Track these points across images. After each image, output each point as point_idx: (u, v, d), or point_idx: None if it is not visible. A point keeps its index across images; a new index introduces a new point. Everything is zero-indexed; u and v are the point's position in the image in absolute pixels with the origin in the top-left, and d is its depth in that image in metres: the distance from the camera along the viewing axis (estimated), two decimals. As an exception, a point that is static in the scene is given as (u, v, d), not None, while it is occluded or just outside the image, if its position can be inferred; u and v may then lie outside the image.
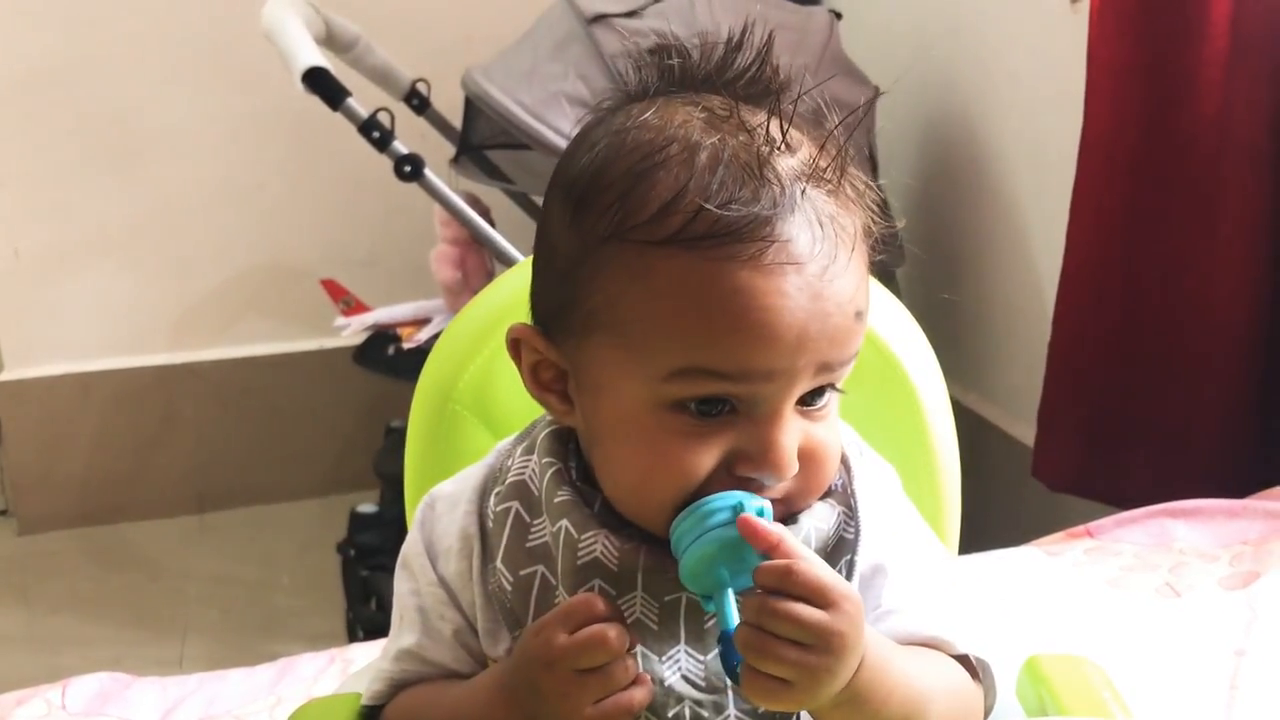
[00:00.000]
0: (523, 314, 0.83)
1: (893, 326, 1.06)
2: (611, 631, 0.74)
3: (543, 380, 0.82)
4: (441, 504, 0.88)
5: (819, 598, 0.71)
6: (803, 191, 0.74)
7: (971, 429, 1.93)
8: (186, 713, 1.33)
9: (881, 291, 1.09)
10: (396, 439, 2.44)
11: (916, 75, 2.37)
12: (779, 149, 0.75)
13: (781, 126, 0.76)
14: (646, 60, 0.81)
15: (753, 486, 0.76)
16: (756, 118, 0.76)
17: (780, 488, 0.78)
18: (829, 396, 0.79)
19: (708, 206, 0.72)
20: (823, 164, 0.76)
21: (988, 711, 0.84)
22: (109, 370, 2.64)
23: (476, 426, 1.02)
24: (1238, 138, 1.75)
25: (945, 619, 0.83)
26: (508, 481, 0.85)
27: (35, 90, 2.50)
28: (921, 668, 0.79)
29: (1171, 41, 1.74)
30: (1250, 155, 1.75)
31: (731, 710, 0.79)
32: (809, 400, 0.78)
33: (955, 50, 2.29)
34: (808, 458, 0.78)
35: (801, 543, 0.75)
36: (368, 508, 2.35)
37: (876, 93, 0.83)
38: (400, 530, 2.50)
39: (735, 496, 0.74)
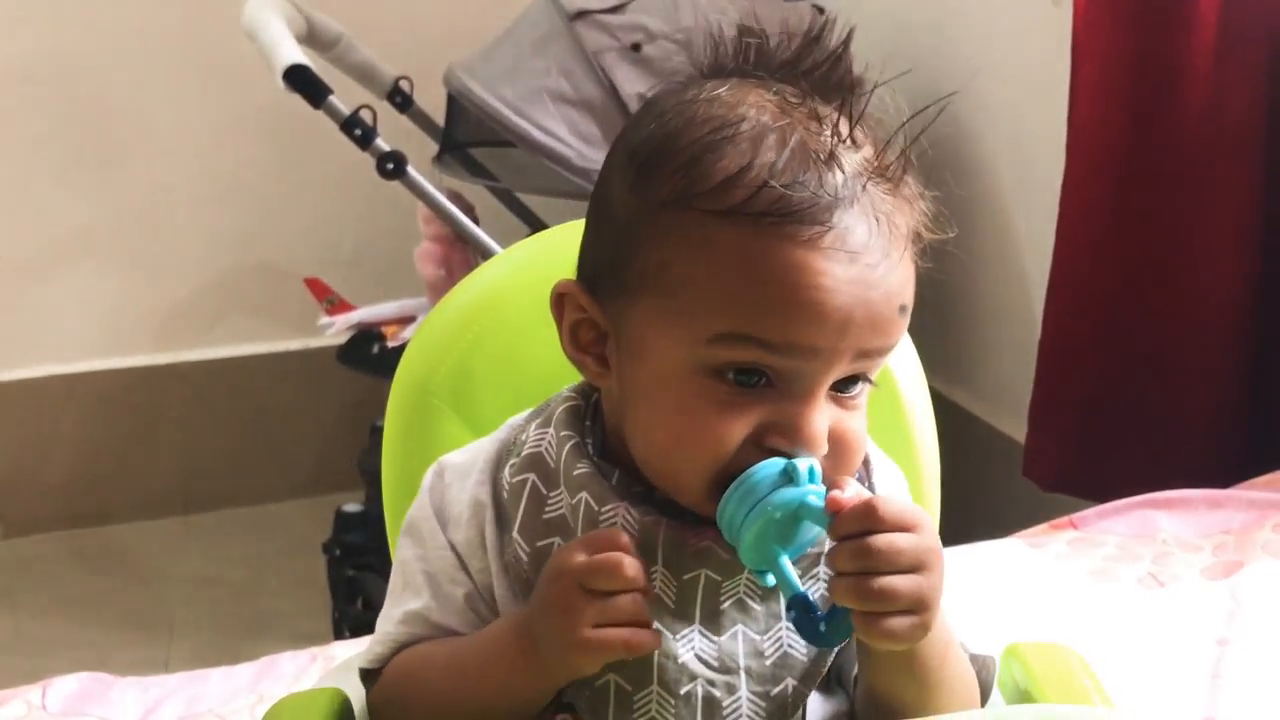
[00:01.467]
0: (503, 306, 0.83)
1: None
2: (627, 561, 0.76)
3: (581, 341, 0.84)
4: (451, 473, 0.89)
5: (906, 523, 0.74)
6: (864, 186, 0.77)
7: (957, 424, 1.93)
8: (168, 712, 1.33)
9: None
10: (381, 438, 2.44)
11: (900, 68, 2.37)
12: (845, 143, 0.78)
13: (850, 122, 0.78)
14: (724, 39, 0.83)
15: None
16: (826, 110, 0.79)
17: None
18: (861, 387, 0.81)
19: (772, 184, 0.75)
20: (886, 162, 0.79)
21: (984, 701, 0.86)
22: (92, 371, 2.63)
23: (453, 420, 1.01)
24: (1227, 129, 1.75)
25: (957, 619, 0.84)
26: (523, 454, 0.86)
27: (15, 89, 2.49)
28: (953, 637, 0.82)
29: (1160, 31, 1.75)
30: (1239, 146, 1.76)
31: (743, 691, 0.80)
32: (843, 387, 0.79)
33: (939, 43, 2.29)
34: (837, 442, 0.79)
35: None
36: (353, 507, 2.35)
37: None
38: (386, 529, 2.48)
39: (778, 463, 0.75)
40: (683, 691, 0.79)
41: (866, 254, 0.76)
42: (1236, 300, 1.81)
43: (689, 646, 0.80)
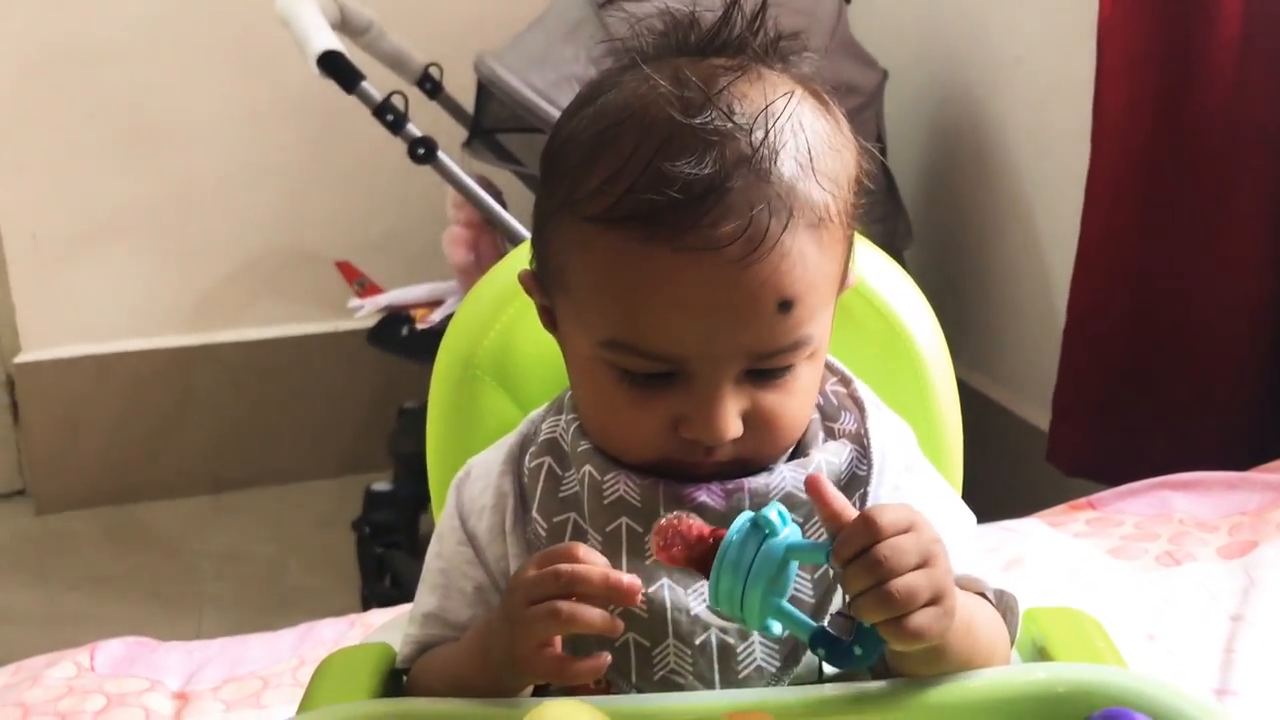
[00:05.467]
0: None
1: (900, 298, 1.09)
2: (566, 568, 0.75)
3: (552, 319, 0.88)
4: (477, 469, 0.92)
5: (902, 525, 0.73)
6: (739, 173, 0.75)
7: (978, 410, 1.95)
8: (211, 674, 1.36)
9: (888, 264, 1.12)
10: (410, 419, 2.48)
11: (925, 58, 2.39)
12: (727, 126, 0.76)
13: (727, 103, 0.76)
14: (643, 30, 0.84)
15: (697, 447, 0.81)
16: (710, 90, 0.76)
17: (729, 450, 0.81)
18: (791, 372, 0.81)
19: (637, 188, 0.75)
20: (773, 145, 0.76)
21: (1011, 642, 0.87)
22: (126, 352, 2.67)
23: (496, 391, 1.04)
24: (1250, 121, 1.76)
25: (969, 557, 0.85)
26: (540, 440, 0.90)
27: (52, 75, 2.53)
28: (974, 601, 0.83)
29: (1184, 23, 1.75)
30: (1263, 138, 1.76)
31: (755, 636, 0.82)
32: (761, 375, 0.80)
33: (964, 33, 2.31)
34: (757, 423, 0.81)
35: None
36: (382, 486, 2.38)
37: (885, 76, 0.86)
38: (414, 508, 2.52)
39: (744, 519, 0.74)
40: (698, 642, 0.81)
41: (733, 246, 0.75)
42: (1259, 289, 1.82)
43: (699, 599, 0.82)
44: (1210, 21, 1.73)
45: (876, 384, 0.95)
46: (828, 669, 0.82)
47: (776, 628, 0.75)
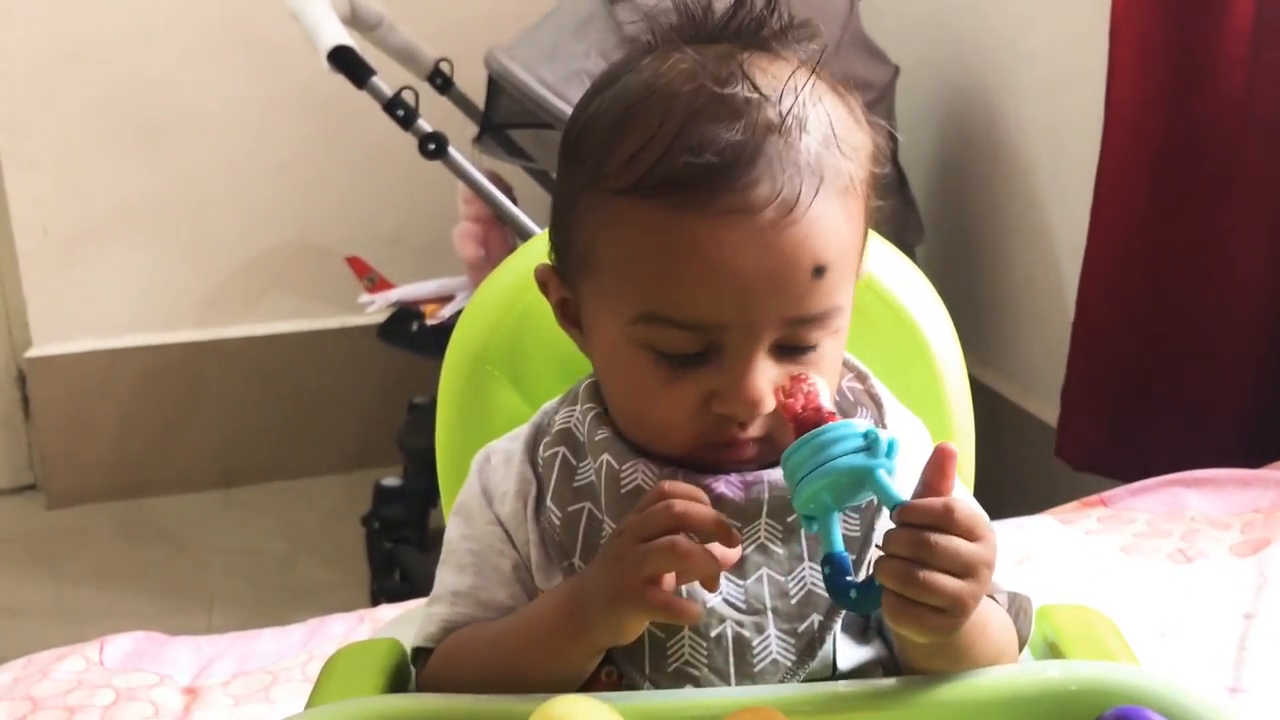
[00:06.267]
0: (550, 277, 0.85)
1: (912, 293, 1.08)
2: (680, 505, 0.75)
3: (569, 315, 0.87)
4: (497, 456, 0.92)
5: (975, 532, 0.73)
6: (769, 140, 0.76)
7: (988, 405, 1.94)
8: (221, 669, 1.36)
9: (900, 259, 1.11)
10: (420, 414, 2.48)
11: (936, 54, 2.38)
12: (754, 96, 0.76)
13: (751, 76, 0.77)
14: (656, 20, 0.84)
15: (730, 425, 0.80)
16: (741, 66, 0.77)
17: (760, 425, 0.81)
18: (817, 350, 0.81)
19: (669, 155, 0.75)
20: (799, 114, 0.77)
21: (1022, 644, 0.87)
22: (136, 347, 2.67)
23: (506, 387, 1.04)
24: (1262, 115, 1.75)
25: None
26: (554, 431, 0.90)
27: (63, 71, 2.53)
28: (986, 608, 0.81)
29: (1196, 17, 1.75)
30: (1274, 132, 1.76)
31: (772, 630, 0.81)
32: (790, 351, 0.80)
33: (975, 28, 2.30)
34: None
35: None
36: (392, 481, 2.39)
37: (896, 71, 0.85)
38: (424, 503, 2.52)
39: (859, 428, 0.74)
40: (713, 634, 0.81)
41: (768, 209, 0.75)
42: (1269, 284, 1.81)
43: (716, 590, 0.81)
44: (1221, 15, 1.73)
45: (888, 379, 0.95)
46: (841, 665, 0.82)
47: (813, 525, 0.75)
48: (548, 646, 0.80)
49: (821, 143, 0.78)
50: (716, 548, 0.76)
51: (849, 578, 0.74)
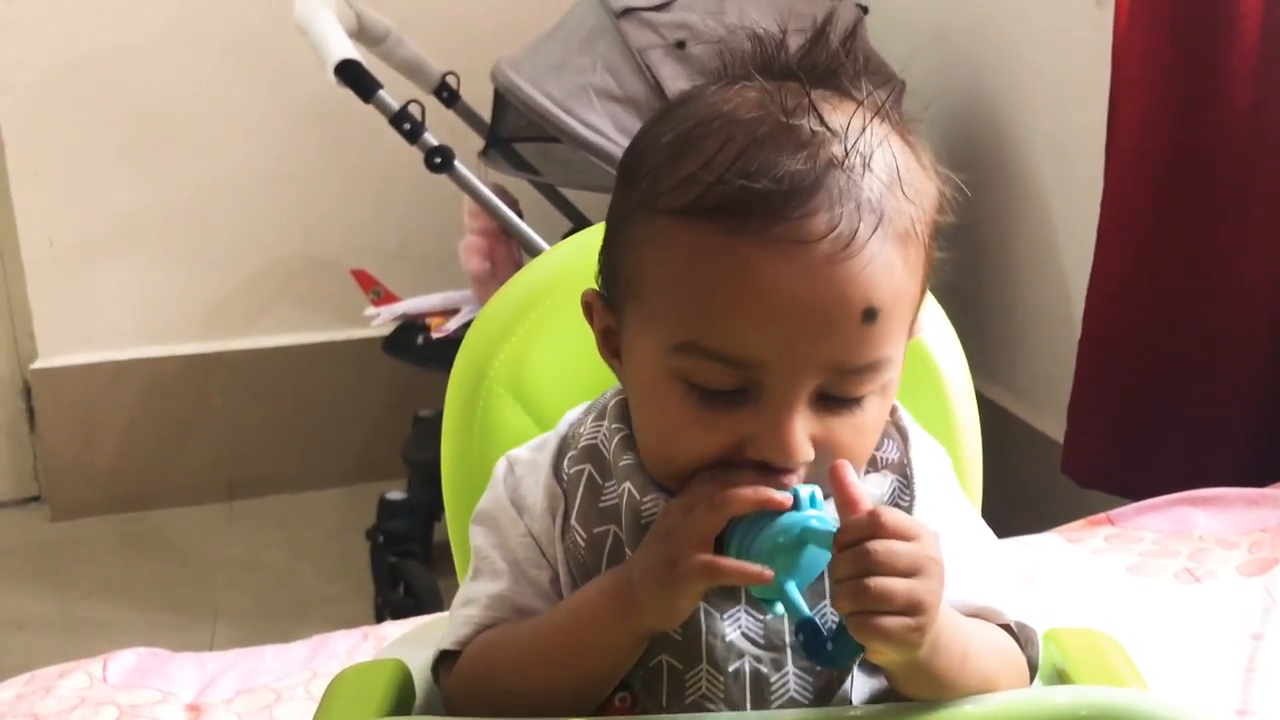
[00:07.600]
0: (557, 294, 0.85)
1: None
2: (720, 495, 0.74)
3: (611, 345, 0.84)
4: (521, 466, 0.90)
5: (906, 533, 0.72)
6: (831, 173, 0.74)
7: (994, 421, 1.94)
8: (224, 686, 1.36)
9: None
10: (425, 427, 2.48)
11: (942, 69, 2.38)
12: (820, 130, 0.75)
13: (819, 110, 0.75)
14: (731, 48, 0.82)
15: (770, 473, 0.77)
16: (808, 101, 0.76)
17: (801, 475, 0.78)
18: (861, 405, 0.78)
19: (726, 178, 0.73)
20: (864, 153, 0.75)
21: (1033, 674, 0.86)
22: (141, 359, 2.67)
23: (511, 405, 1.04)
24: (1269, 131, 1.75)
25: (994, 589, 0.84)
26: (580, 446, 0.88)
27: (70, 82, 2.53)
28: (981, 631, 0.81)
29: (1202, 32, 1.74)
30: (1280, 148, 1.76)
31: (790, 667, 0.80)
32: (832, 402, 0.77)
33: (981, 44, 2.30)
34: (821, 455, 0.77)
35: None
36: (396, 495, 2.38)
37: (901, 86, 0.84)
38: (429, 517, 2.52)
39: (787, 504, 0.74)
40: (731, 669, 0.80)
41: (823, 243, 0.72)
42: (1276, 301, 1.81)
43: (735, 625, 0.81)
44: (1228, 31, 1.73)
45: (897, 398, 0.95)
46: (856, 698, 0.82)
47: (779, 608, 0.74)
48: (595, 631, 0.79)
49: (885, 183, 0.76)
50: (764, 490, 0.74)
51: (822, 635, 0.73)
